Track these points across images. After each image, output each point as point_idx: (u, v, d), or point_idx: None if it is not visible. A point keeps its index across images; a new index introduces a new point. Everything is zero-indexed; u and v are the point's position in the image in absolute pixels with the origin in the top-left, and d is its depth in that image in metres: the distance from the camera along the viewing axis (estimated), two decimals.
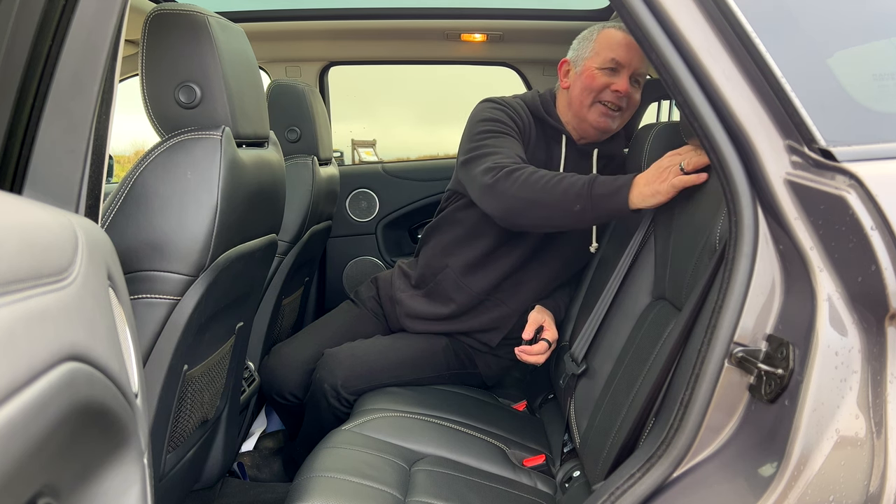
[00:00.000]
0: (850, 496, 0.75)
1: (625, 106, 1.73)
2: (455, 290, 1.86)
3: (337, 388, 1.73)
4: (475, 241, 1.84)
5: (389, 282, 2.02)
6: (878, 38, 0.96)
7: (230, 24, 1.26)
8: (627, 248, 1.56)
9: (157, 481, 1.22)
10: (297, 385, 1.88)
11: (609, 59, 1.70)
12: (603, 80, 1.70)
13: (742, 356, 0.82)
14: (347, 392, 1.74)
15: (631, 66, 1.70)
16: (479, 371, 1.90)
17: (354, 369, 1.76)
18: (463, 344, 1.89)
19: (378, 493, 1.26)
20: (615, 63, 1.69)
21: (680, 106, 0.88)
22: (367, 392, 1.77)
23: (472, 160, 1.69)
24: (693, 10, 0.84)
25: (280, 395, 1.91)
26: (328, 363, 1.77)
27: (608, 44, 1.71)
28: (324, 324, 2.06)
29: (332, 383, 1.74)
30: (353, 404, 1.74)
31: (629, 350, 1.33)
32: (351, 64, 2.87)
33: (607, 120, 1.73)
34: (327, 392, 1.74)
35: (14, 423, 0.40)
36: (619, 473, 0.93)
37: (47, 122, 0.78)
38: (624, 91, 1.69)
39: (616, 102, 1.71)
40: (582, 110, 1.74)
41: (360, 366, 1.77)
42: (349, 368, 1.76)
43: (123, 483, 0.60)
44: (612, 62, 1.69)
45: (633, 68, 1.70)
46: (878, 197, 0.73)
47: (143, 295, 1.11)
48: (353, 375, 1.75)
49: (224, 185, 1.13)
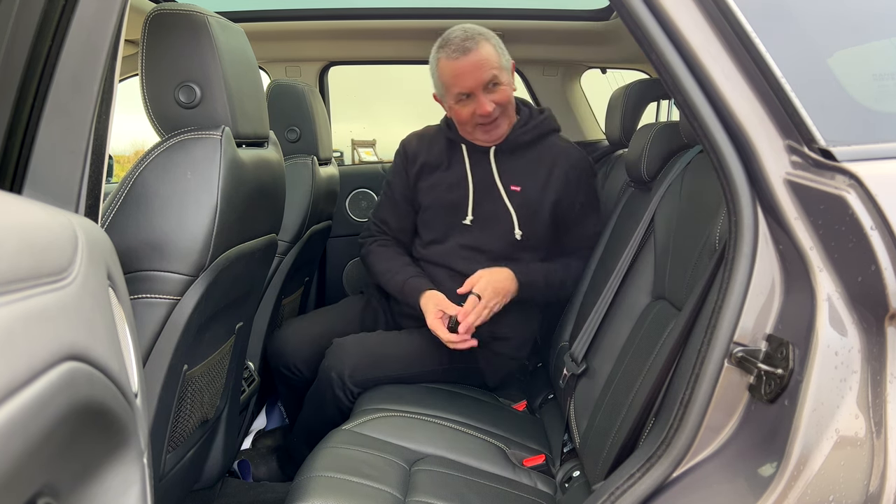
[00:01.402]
0: (850, 496, 0.75)
1: (499, 112, 1.79)
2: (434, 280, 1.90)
3: (344, 378, 1.76)
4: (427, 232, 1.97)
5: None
6: (878, 38, 0.96)
7: (230, 24, 1.26)
8: (627, 248, 1.56)
9: (157, 481, 1.22)
10: (305, 359, 1.93)
11: (456, 94, 1.78)
12: (466, 111, 1.78)
13: (742, 356, 0.82)
14: (353, 382, 1.77)
15: (477, 85, 1.75)
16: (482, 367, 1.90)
17: (362, 359, 1.80)
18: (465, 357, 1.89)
19: (378, 492, 1.26)
20: (463, 94, 1.77)
21: (680, 106, 0.88)
22: (370, 388, 1.78)
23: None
24: (693, 9, 0.84)
25: (286, 368, 1.96)
26: (337, 352, 1.81)
27: (448, 80, 1.78)
28: (336, 309, 2.13)
29: (339, 371, 1.77)
30: (356, 398, 1.76)
31: (629, 350, 1.33)
32: (351, 64, 2.87)
33: (492, 132, 1.83)
34: (334, 381, 1.77)
35: (14, 423, 0.40)
36: (618, 473, 0.93)
37: (47, 122, 0.78)
38: (487, 111, 1.76)
39: (488, 118, 1.78)
40: (468, 135, 1.86)
41: (367, 356, 1.81)
42: (357, 358, 1.79)
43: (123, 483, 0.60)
44: (460, 95, 1.77)
45: (480, 85, 1.75)
46: (877, 197, 0.73)
47: (142, 295, 1.11)
48: (361, 365, 1.78)
49: (224, 184, 1.13)
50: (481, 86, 1.75)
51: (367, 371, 1.79)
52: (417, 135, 2.03)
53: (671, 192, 1.47)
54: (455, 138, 1.92)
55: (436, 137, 1.97)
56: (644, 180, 1.66)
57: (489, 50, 1.76)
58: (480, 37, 1.76)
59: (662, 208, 1.49)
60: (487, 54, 1.75)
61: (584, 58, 2.76)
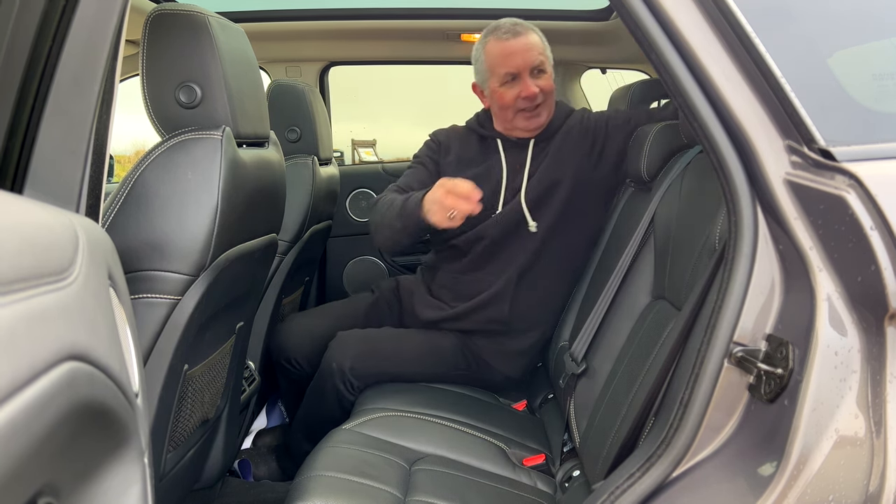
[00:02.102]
0: (850, 496, 0.75)
1: (542, 99, 1.82)
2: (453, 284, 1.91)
3: (345, 370, 1.77)
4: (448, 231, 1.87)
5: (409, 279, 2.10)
6: (878, 38, 0.96)
7: (230, 24, 1.26)
8: (627, 247, 1.57)
9: (158, 481, 1.22)
10: (307, 354, 1.94)
11: (503, 74, 1.81)
12: (511, 94, 1.81)
13: (742, 356, 0.82)
14: (354, 375, 1.78)
15: (525, 67, 1.79)
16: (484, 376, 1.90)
17: (365, 353, 1.81)
18: (470, 347, 1.89)
19: (378, 492, 1.26)
20: (511, 75, 1.80)
21: (680, 106, 0.88)
22: (371, 386, 1.79)
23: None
24: (693, 10, 0.84)
25: (287, 361, 1.97)
26: (340, 344, 1.82)
27: (496, 60, 1.82)
28: (341, 305, 2.13)
29: (341, 363, 1.78)
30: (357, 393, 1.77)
31: (629, 350, 1.33)
32: (351, 64, 2.87)
33: (534, 120, 1.84)
34: (335, 372, 1.78)
35: (15, 423, 0.41)
36: (618, 473, 0.93)
37: (48, 122, 0.78)
38: (532, 93, 1.79)
39: (531, 104, 1.81)
40: (508, 123, 1.88)
41: (370, 351, 1.82)
42: (360, 352, 1.80)
43: (124, 482, 0.60)
44: (507, 76, 1.81)
45: (528, 68, 1.79)
46: (877, 197, 0.73)
47: (143, 294, 1.11)
48: (363, 359, 1.79)
49: (224, 184, 1.13)
50: (529, 67, 1.79)
51: (369, 365, 1.80)
52: (445, 131, 2.03)
53: (671, 192, 1.47)
54: (489, 133, 1.93)
55: (466, 136, 1.98)
56: (644, 180, 1.66)
57: (537, 39, 1.83)
58: (529, 28, 1.84)
59: (662, 208, 1.49)
60: (535, 41, 1.82)
61: (584, 58, 2.76)
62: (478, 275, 1.89)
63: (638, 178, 1.69)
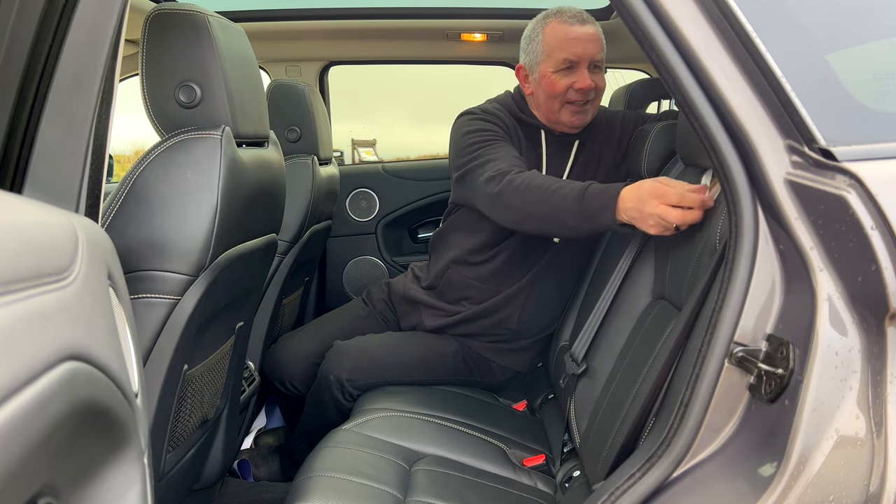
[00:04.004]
0: (850, 496, 0.75)
1: (593, 97, 1.71)
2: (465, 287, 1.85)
3: (342, 381, 1.74)
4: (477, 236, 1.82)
5: (403, 284, 2.00)
6: (878, 38, 0.96)
7: (230, 23, 1.26)
8: (627, 247, 1.56)
9: (157, 481, 1.22)
10: (301, 376, 1.90)
11: (562, 59, 1.67)
12: (564, 83, 1.67)
13: (742, 356, 0.82)
14: (353, 386, 1.75)
15: (586, 57, 1.66)
16: (485, 379, 1.89)
17: (362, 363, 1.77)
18: (473, 350, 1.88)
19: (378, 492, 1.26)
20: (569, 62, 1.67)
21: (680, 106, 0.88)
22: (370, 389, 1.77)
23: (471, 171, 1.67)
24: (693, 9, 0.84)
25: (282, 385, 1.94)
26: (336, 355, 1.78)
27: (556, 43, 1.67)
28: (332, 318, 2.07)
29: (338, 375, 1.74)
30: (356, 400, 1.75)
31: (629, 350, 1.33)
32: (351, 64, 2.87)
33: (580, 117, 1.72)
34: (332, 384, 1.75)
35: (14, 423, 0.40)
36: (619, 473, 0.93)
37: (47, 122, 0.78)
38: (587, 87, 1.67)
39: (583, 98, 1.69)
40: (552, 114, 1.74)
41: (367, 360, 1.78)
42: (357, 362, 1.76)
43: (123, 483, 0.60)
44: (566, 62, 1.67)
45: (588, 59, 1.67)
46: (878, 197, 0.73)
47: (143, 294, 1.11)
48: (360, 369, 1.76)
49: (224, 184, 1.13)
50: (589, 59, 1.67)
51: (367, 376, 1.76)
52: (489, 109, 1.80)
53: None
54: (534, 123, 1.77)
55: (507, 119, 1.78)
56: None
57: (600, 33, 1.71)
58: (592, 19, 1.71)
59: None
60: (600, 35, 1.70)
61: None
62: (494, 280, 1.81)
63: (638, 177, 1.69)
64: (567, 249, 1.80)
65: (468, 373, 1.87)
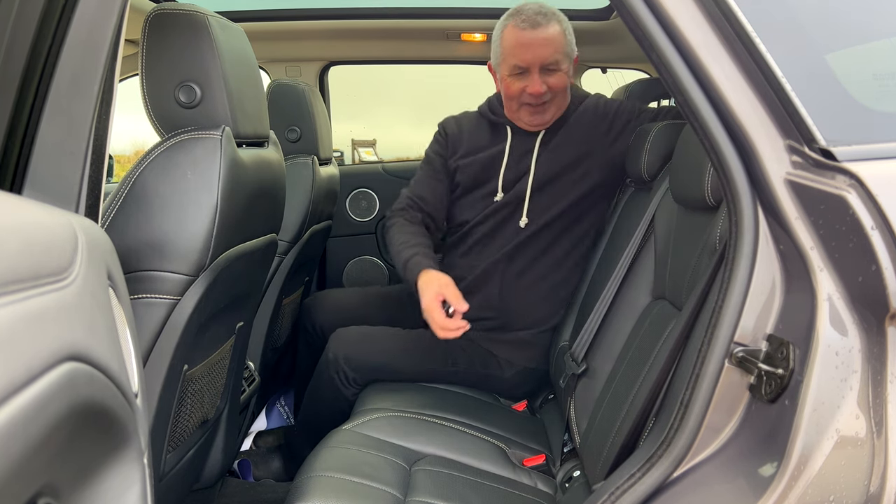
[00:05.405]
0: (851, 496, 0.75)
1: (549, 97, 1.76)
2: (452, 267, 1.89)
3: (339, 360, 1.79)
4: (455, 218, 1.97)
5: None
6: (878, 38, 0.96)
7: (230, 23, 1.26)
8: (627, 247, 1.56)
9: (157, 481, 1.22)
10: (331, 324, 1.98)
11: (513, 65, 1.73)
12: (517, 87, 1.74)
13: (742, 356, 0.82)
14: (350, 367, 1.79)
15: (536, 63, 1.71)
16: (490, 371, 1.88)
17: (361, 345, 1.83)
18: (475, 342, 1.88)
19: (378, 492, 1.26)
20: (519, 68, 1.73)
21: (680, 106, 0.88)
22: (371, 385, 1.79)
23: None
24: (693, 9, 0.84)
25: (312, 327, 2.11)
26: (337, 338, 1.85)
27: (509, 48, 1.73)
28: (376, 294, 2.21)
29: (336, 353, 1.80)
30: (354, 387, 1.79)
31: (629, 350, 1.33)
32: (351, 64, 2.87)
33: (538, 117, 1.79)
34: (331, 363, 1.80)
35: (14, 424, 0.40)
36: (619, 473, 0.93)
37: (47, 122, 0.78)
38: (537, 92, 1.72)
39: (538, 100, 1.75)
40: (513, 114, 1.83)
41: (367, 343, 1.84)
42: (356, 343, 1.83)
43: (123, 483, 0.60)
44: (516, 68, 1.73)
45: (539, 63, 1.71)
46: (878, 197, 0.73)
47: (143, 295, 1.11)
48: (359, 350, 1.82)
49: (224, 184, 1.13)
50: (539, 64, 1.72)
51: (365, 355, 1.81)
52: (456, 118, 1.98)
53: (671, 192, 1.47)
54: (499, 120, 1.88)
55: (477, 122, 1.93)
56: (644, 180, 1.66)
57: (558, 31, 1.73)
58: (553, 17, 1.74)
59: (662, 208, 1.49)
60: (555, 35, 1.72)
61: (584, 57, 2.74)
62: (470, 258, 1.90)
63: (638, 177, 1.69)
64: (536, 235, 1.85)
65: (469, 363, 1.86)
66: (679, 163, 1.32)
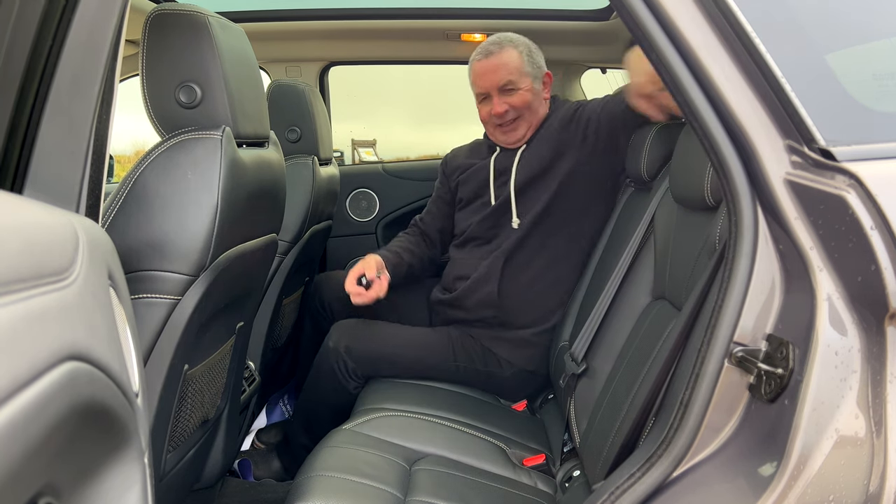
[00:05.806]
0: (850, 496, 0.75)
1: (512, 116, 1.90)
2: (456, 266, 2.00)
3: (340, 350, 1.83)
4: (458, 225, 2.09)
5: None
6: (878, 38, 0.96)
7: (230, 24, 1.26)
8: (627, 247, 1.57)
9: (158, 481, 1.22)
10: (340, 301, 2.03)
11: (477, 93, 1.95)
12: (485, 111, 1.94)
13: (742, 356, 0.82)
14: (350, 357, 1.82)
15: (492, 87, 1.88)
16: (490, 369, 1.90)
17: (362, 335, 1.88)
18: (476, 339, 1.90)
19: (378, 492, 1.26)
20: (482, 94, 1.93)
21: (680, 106, 0.88)
22: (372, 383, 1.80)
23: None
24: (693, 9, 0.84)
25: (321, 306, 2.21)
26: (338, 328, 1.91)
27: (472, 80, 1.95)
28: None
29: (337, 343, 1.85)
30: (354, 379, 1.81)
31: (629, 350, 1.33)
32: (351, 64, 2.87)
33: (511, 134, 1.94)
34: (331, 352, 1.84)
35: (15, 423, 0.41)
36: (619, 473, 0.93)
37: (47, 122, 0.78)
38: (498, 112, 1.88)
39: (502, 119, 1.90)
40: (492, 135, 2.01)
41: (367, 333, 1.89)
42: (357, 333, 1.88)
43: (124, 483, 0.60)
44: (480, 95, 1.94)
45: (494, 87, 1.88)
46: (877, 197, 0.73)
47: (143, 295, 1.11)
48: (359, 340, 1.86)
49: (224, 184, 1.13)
50: (495, 87, 1.88)
51: (365, 345, 1.85)
52: (455, 149, 2.20)
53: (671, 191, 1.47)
54: (490, 141, 2.05)
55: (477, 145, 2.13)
56: (644, 180, 1.66)
57: (512, 56, 1.88)
58: (509, 43, 1.90)
59: (662, 208, 1.49)
60: (508, 59, 1.88)
61: (584, 58, 2.76)
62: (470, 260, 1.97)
63: (638, 178, 1.69)
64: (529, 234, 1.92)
65: (469, 360, 1.88)
66: (679, 163, 1.32)
